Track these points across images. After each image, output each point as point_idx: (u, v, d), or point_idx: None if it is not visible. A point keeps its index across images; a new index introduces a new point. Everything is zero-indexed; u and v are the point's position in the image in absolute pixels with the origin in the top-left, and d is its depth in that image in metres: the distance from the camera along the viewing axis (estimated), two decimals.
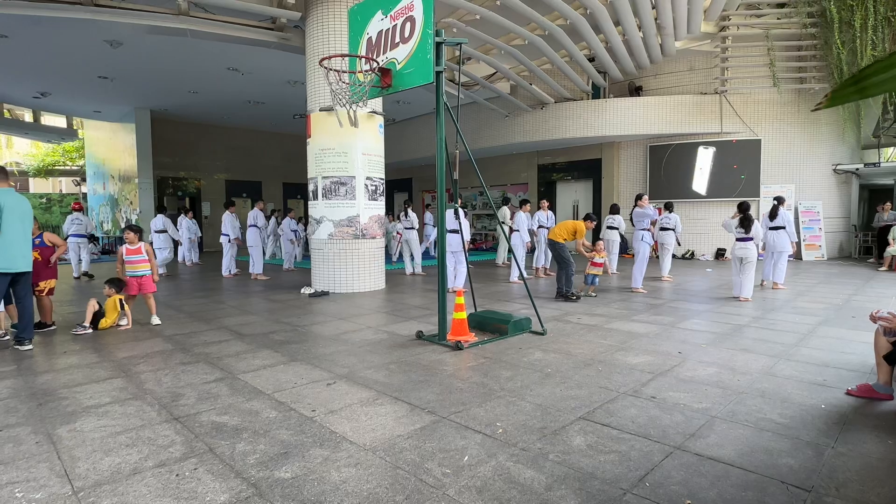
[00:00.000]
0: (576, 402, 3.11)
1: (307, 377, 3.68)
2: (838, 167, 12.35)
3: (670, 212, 9.13)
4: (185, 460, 2.41)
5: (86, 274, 9.87)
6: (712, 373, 3.68)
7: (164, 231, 10.76)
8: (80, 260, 9.92)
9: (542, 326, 4.96)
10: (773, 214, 7.73)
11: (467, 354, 4.25)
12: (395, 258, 12.14)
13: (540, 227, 9.76)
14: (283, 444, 2.57)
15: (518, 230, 8.82)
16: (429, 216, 13.03)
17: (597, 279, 7.24)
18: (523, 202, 9.31)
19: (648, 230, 8.48)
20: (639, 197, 8.63)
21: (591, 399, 3.17)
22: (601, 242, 7.62)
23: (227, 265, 10.10)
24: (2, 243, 4.28)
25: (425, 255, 12.08)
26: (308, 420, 2.88)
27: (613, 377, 3.60)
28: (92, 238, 16.67)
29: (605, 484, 2.16)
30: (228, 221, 10.04)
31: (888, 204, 11.54)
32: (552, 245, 7.11)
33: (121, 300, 5.48)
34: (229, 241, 10.05)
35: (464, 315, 4.69)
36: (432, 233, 12.43)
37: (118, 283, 5.57)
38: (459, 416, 2.90)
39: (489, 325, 5.04)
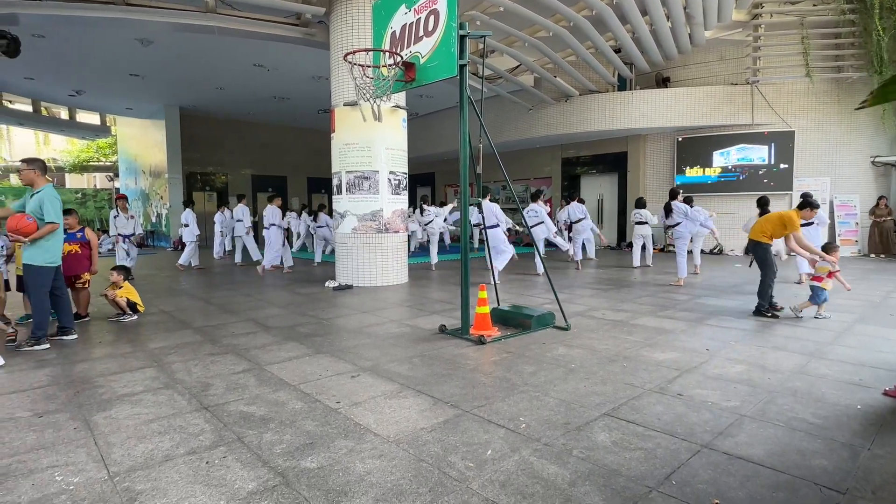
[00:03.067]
0: (600, 398, 3.08)
1: (332, 369, 3.72)
2: (877, 159, 11.87)
3: (691, 205, 9.07)
4: (215, 448, 2.47)
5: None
6: (741, 370, 3.60)
7: (188, 225, 10.91)
8: (126, 255, 9.09)
9: (566, 321, 4.91)
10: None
11: (490, 349, 4.24)
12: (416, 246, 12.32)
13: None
14: (309, 434, 2.61)
15: (584, 217, 10.13)
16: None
17: (826, 295, 5.25)
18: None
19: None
20: (675, 193, 8.51)
21: (615, 395, 3.13)
22: (838, 251, 5.39)
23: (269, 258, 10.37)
24: (53, 239, 4.46)
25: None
26: (333, 411, 2.92)
27: (639, 373, 3.55)
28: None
29: (631, 481, 2.14)
30: (270, 213, 10.20)
31: None
32: (754, 245, 5.60)
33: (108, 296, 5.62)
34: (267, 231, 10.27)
35: (487, 309, 4.68)
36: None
37: (126, 270, 5.92)
38: (482, 410, 2.90)
39: (512, 320, 5.02)
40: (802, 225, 7.52)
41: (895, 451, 2.39)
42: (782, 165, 12.25)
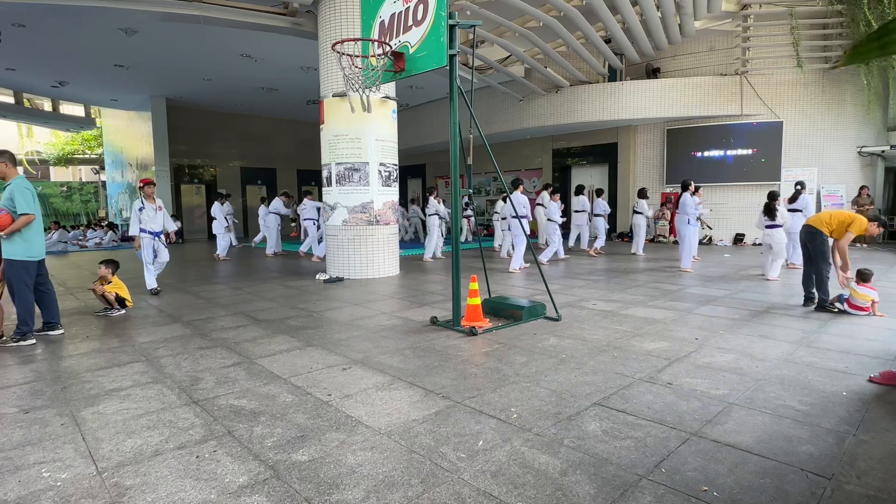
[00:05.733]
0: (591, 388, 3.10)
1: (323, 362, 3.71)
2: (863, 149, 12.00)
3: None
4: (205, 443, 2.45)
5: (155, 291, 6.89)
6: (730, 359, 3.64)
7: (215, 218, 11.36)
8: (154, 257, 6.94)
9: (557, 312, 4.93)
10: (793, 198, 7.96)
11: (481, 340, 4.25)
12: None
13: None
14: (300, 427, 2.61)
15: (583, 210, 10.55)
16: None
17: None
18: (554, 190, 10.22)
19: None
20: (686, 185, 8.61)
21: (606, 385, 3.15)
22: (872, 278, 5.03)
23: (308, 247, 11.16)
24: (32, 231, 4.37)
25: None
26: (324, 404, 2.91)
27: (629, 363, 3.58)
28: (111, 226, 17.00)
29: (621, 469, 2.15)
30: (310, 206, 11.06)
31: None
32: (810, 233, 5.34)
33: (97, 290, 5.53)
34: (313, 224, 11.04)
35: (478, 301, 4.69)
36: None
37: (114, 264, 5.75)
38: (474, 401, 2.91)
39: (503, 311, 5.03)
40: (789, 210, 7.78)
41: (880, 437, 2.43)
42: (770, 156, 12.34)
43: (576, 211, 10.97)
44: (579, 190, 10.88)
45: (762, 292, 6.24)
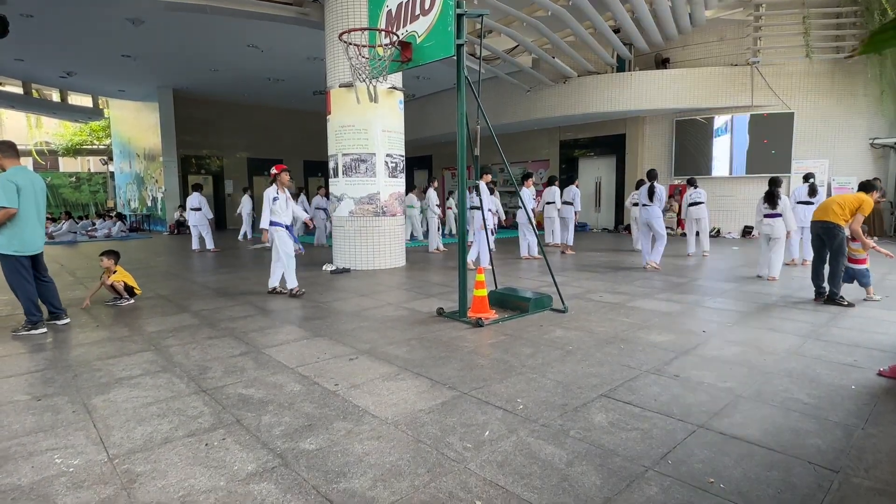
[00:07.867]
0: (597, 380, 3.10)
1: (330, 352, 3.73)
2: (876, 141, 11.84)
3: (695, 187, 9.34)
4: (214, 431, 2.48)
5: (281, 291, 6.07)
6: (738, 352, 3.62)
7: (199, 209, 10.89)
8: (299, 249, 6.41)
9: (564, 304, 4.93)
10: (812, 192, 7.54)
11: (488, 331, 4.25)
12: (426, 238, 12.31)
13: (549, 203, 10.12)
14: (308, 416, 2.63)
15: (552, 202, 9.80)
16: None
17: (870, 276, 5.27)
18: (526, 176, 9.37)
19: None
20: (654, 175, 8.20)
21: (612, 377, 3.15)
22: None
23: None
24: (19, 225, 4.25)
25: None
26: (331, 394, 2.93)
27: (636, 355, 3.57)
28: (119, 216, 17.11)
29: (627, 461, 2.16)
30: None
31: None
32: (827, 228, 5.07)
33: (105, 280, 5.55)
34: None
35: (484, 292, 4.68)
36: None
37: (115, 254, 5.72)
38: (480, 392, 2.92)
39: (510, 303, 5.03)
40: (801, 202, 7.56)
41: (888, 430, 2.42)
42: (781, 147, 12.20)
43: (547, 203, 10.10)
44: (551, 181, 10.20)
45: (771, 285, 6.20)
